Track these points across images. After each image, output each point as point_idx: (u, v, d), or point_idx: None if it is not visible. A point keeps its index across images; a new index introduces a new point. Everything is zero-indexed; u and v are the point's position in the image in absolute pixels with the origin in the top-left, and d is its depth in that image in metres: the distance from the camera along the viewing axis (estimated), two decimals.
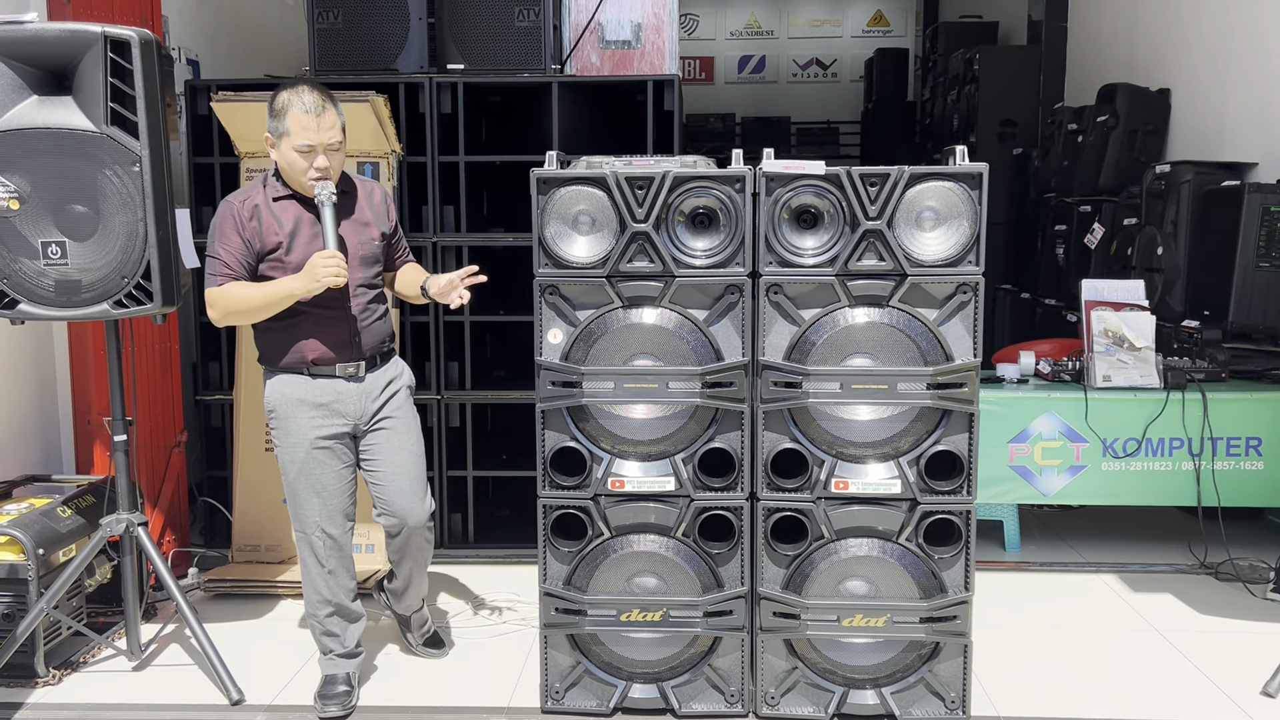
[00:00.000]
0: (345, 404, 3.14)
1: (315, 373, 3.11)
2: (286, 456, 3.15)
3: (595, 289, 2.95)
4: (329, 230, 2.98)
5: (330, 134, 3.00)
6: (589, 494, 3.02)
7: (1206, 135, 5.60)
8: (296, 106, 2.97)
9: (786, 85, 13.17)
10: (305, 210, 3.07)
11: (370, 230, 3.19)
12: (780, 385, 2.94)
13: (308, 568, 3.19)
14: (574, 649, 3.10)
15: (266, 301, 2.99)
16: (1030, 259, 7.17)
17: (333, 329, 3.10)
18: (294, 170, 3.01)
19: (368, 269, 3.18)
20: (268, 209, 3.05)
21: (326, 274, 2.92)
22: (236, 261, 3.00)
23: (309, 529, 3.15)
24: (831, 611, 3.00)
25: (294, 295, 2.98)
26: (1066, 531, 4.80)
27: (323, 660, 3.25)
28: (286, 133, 2.98)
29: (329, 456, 3.14)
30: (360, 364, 3.15)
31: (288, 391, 3.12)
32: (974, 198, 2.87)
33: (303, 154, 2.98)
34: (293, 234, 3.05)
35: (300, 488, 3.13)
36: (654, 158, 3.03)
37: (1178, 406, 4.24)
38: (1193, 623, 3.81)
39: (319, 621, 3.21)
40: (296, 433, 3.12)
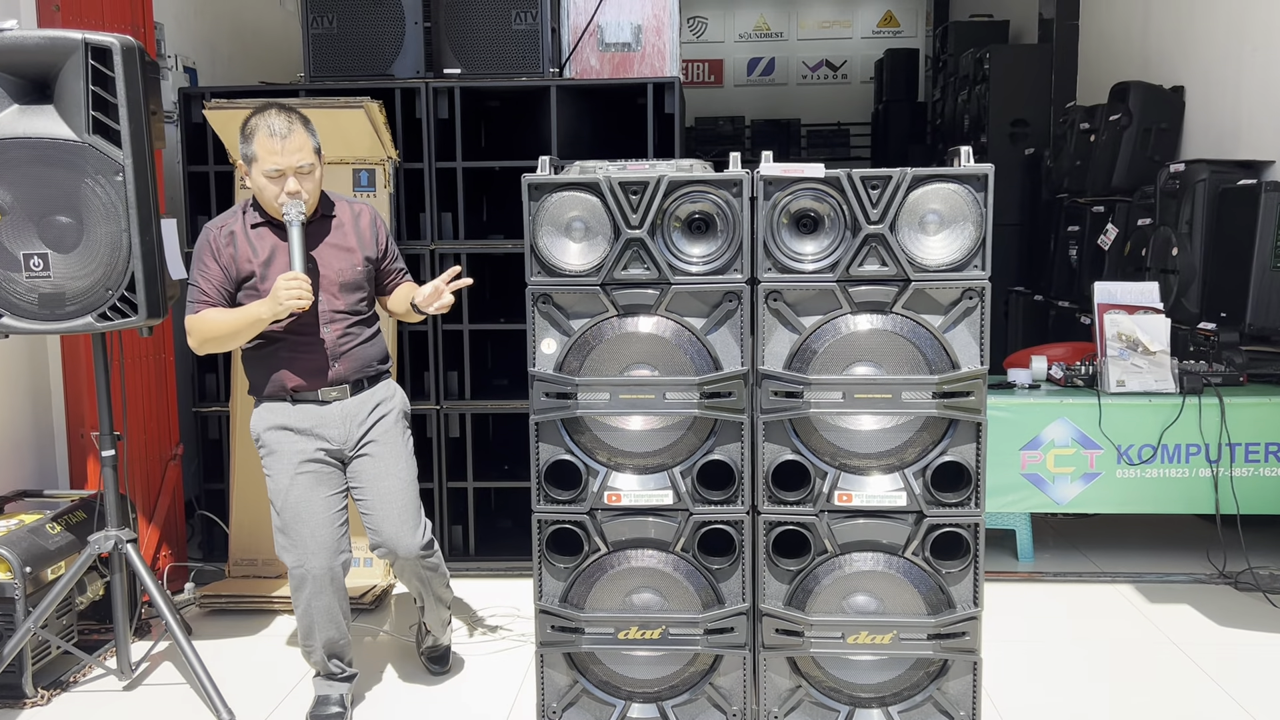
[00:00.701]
0: (328, 428, 3.07)
1: (297, 399, 3.05)
2: (273, 485, 3.07)
3: (589, 297, 2.87)
4: (296, 252, 2.89)
5: (298, 156, 2.91)
6: (585, 508, 2.93)
7: (1222, 133, 5.48)
8: (262, 130, 2.90)
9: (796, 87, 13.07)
10: (281, 238, 3.00)
11: (353, 256, 3.10)
12: (781, 395, 2.85)
13: (295, 597, 3.07)
14: (571, 667, 3.01)
15: (236, 327, 2.93)
16: (1043, 261, 7.06)
17: (308, 357, 3.03)
18: (265, 195, 2.95)
19: (349, 295, 3.09)
20: (244, 235, 3.00)
21: (288, 296, 2.84)
22: (214, 289, 2.96)
23: (299, 559, 3.04)
24: (836, 628, 2.90)
25: (261, 319, 2.90)
26: (1081, 540, 4.68)
27: (315, 680, 3.18)
28: (255, 158, 2.92)
29: (315, 482, 3.05)
30: (344, 387, 3.08)
31: (270, 419, 3.06)
32: (979, 200, 2.77)
33: (272, 179, 2.91)
34: (267, 261, 2.99)
35: (288, 516, 3.04)
36: (649, 162, 2.94)
37: (1194, 412, 4.13)
38: (1212, 635, 3.70)
39: (309, 649, 3.13)
40: (281, 458, 3.05)
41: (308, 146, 2.95)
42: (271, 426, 3.05)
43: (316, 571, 3.02)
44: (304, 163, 2.92)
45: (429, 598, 3.30)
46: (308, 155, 2.94)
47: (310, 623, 3.07)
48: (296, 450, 3.04)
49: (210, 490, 4.52)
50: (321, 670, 3.16)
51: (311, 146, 2.96)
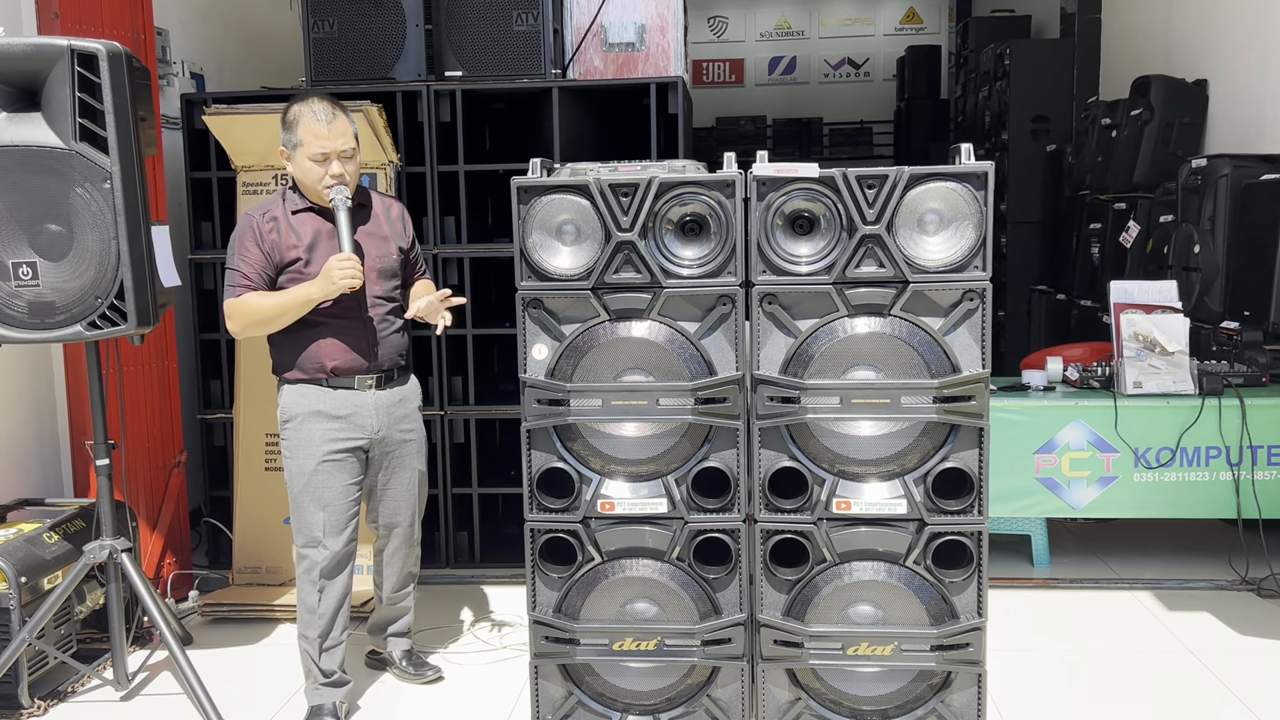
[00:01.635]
0: (363, 417, 3.12)
1: (334, 384, 3.09)
2: (295, 467, 3.10)
3: (580, 302, 2.81)
4: (344, 234, 2.98)
5: (343, 140, 3.04)
6: (578, 517, 2.87)
7: (1246, 127, 5.34)
8: (308, 116, 3.02)
9: (818, 86, 12.94)
10: (324, 222, 3.08)
11: (388, 244, 3.20)
12: (777, 400, 2.78)
13: (301, 583, 3.12)
14: (566, 679, 2.96)
15: (285, 308, 3.00)
16: (1065, 259, 6.93)
17: (351, 339, 3.09)
18: (309, 179, 3.04)
19: (386, 282, 3.18)
20: (286, 222, 3.07)
21: (342, 276, 2.93)
22: (255, 273, 3.02)
23: (310, 543, 3.09)
24: (836, 639, 2.82)
25: (311, 300, 2.98)
26: (1100, 546, 4.57)
27: (309, 689, 3.15)
28: (300, 143, 3.03)
29: (338, 470, 3.09)
30: (380, 376, 3.15)
31: (304, 402, 3.09)
32: (979, 198, 2.68)
33: (317, 162, 3.02)
34: (311, 246, 3.06)
35: (306, 500, 3.08)
36: (640, 163, 2.89)
37: (1214, 413, 4.01)
38: (1232, 644, 3.59)
39: (308, 642, 3.13)
40: (309, 444, 3.08)
41: (349, 132, 3.07)
42: (307, 411, 3.08)
43: (331, 553, 3.08)
44: (347, 146, 3.05)
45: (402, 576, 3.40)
46: (350, 140, 3.06)
47: (312, 607, 3.09)
48: (327, 437, 3.08)
49: (216, 497, 4.50)
50: (310, 670, 3.14)
51: (353, 132, 3.09)
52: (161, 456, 4.17)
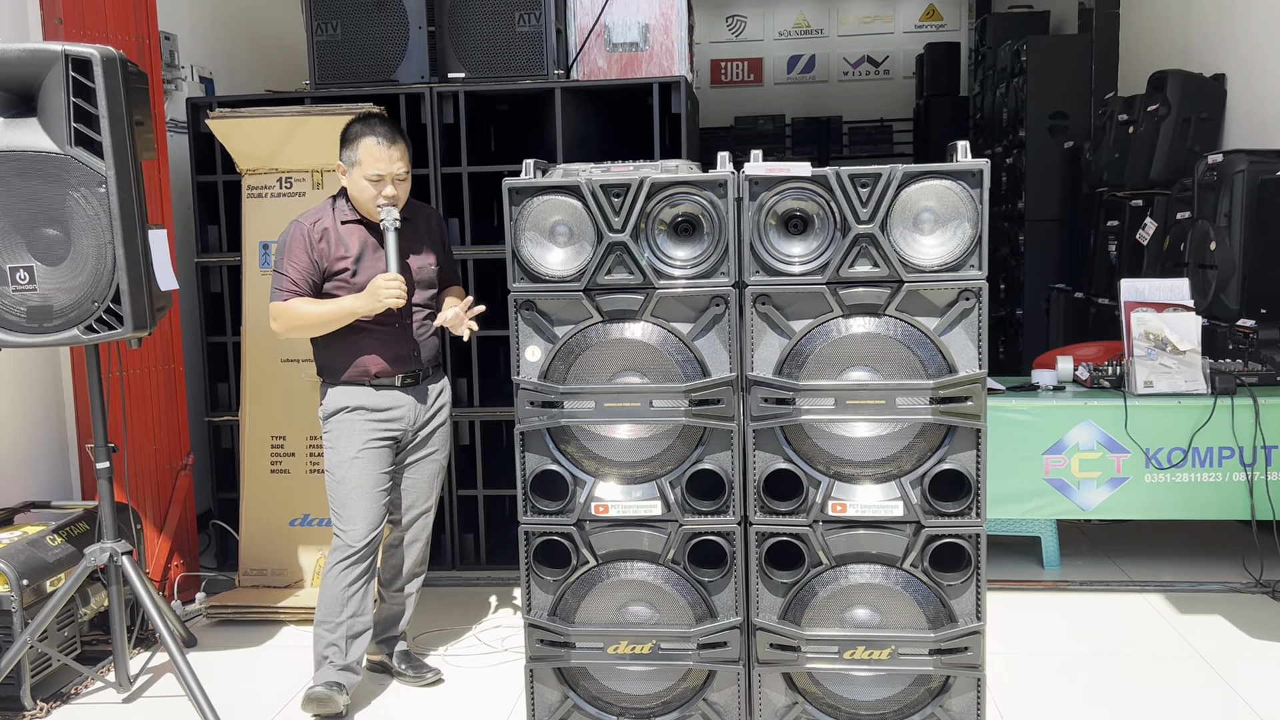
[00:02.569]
0: (403, 411, 3.28)
1: (377, 384, 3.24)
2: (336, 458, 3.24)
3: (573, 303, 2.80)
4: (391, 255, 3.13)
5: (399, 165, 3.21)
6: (572, 519, 2.86)
7: (1265, 122, 5.25)
8: (369, 137, 3.17)
9: (837, 84, 12.86)
10: (370, 235, 3.24)
11: (428, 256, 3.36)
12: (771, 402, 2.75)
13: (333, 569, 3.21)
14: (562, 682, 2.94)
15: (330, 318, 3.16)
16: (1083, 257, 6.84)
17: (393, 345, 3.25)
18: (363, 197, 3.19)
19: (424, 291, 3.35)
20: (335, 232, 3.21)
21: (388, 295, 3.09)
22: (303, 279, 3.16)
23: (349, 528, 3.21)
24: (832, 643, 2.79)
25: (355, 313, 3.15)
26: (1113, 548, 4.51)
27: (323, 672, 3.21)
28: (359, 162, 3.17)
29: (377, 458, 3.24)
30: (418, 373, 3.32)
31: (349, 399, 3.24)
32: (975, 197, 2.64)
33: (373, 183, 3.17)
34: (359, 257, 3.21)
35: (348, 487, 3.22)
36: (633, 164, 2.87)
37: (1226, 413, 3.94)
38: (1243, 648, 3.52)
39: (329, 628, 3.20)
40: (352, 435, 3.22)
41: (405, 157, 3.25)
42: (349, 406, 3.23)
43: (363, 538, 3.21)
44: (402, 171, 3.22)
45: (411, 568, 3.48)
46: (405, 165, 3.24)
47: (341, 591, 3.19)
48: (368, 429, 3.23)
49: (223, 500, 4.52)
50: (330, 656, 3.18)
51: (408, 158, 3.27)
52: (168, 459, 4.19)
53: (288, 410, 4.08)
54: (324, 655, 3.21)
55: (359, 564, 3.22)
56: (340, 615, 3.20)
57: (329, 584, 3.22)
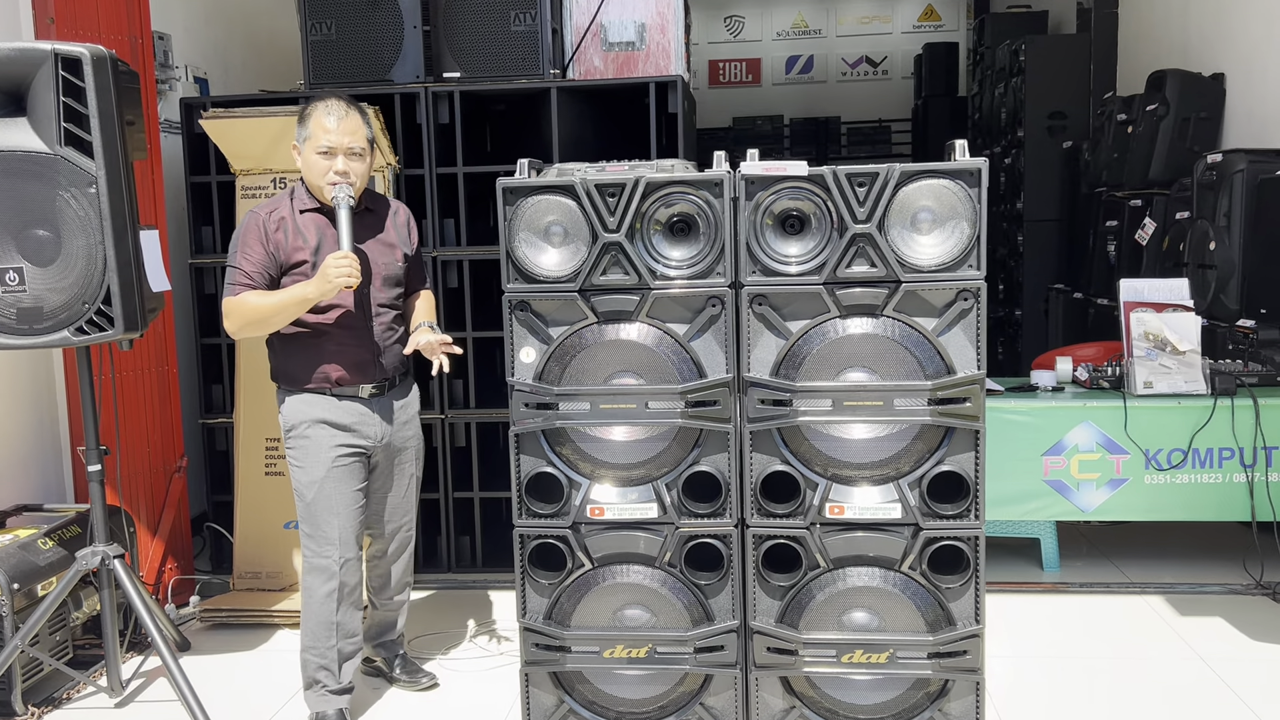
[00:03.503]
0: (368, 426, 3.10)
1: (339, 393, 3.06)
2: (305, 477, 3.06)
3: (568, 304, 2.77)
4: (344, 232, 2.93)
5: (350, 138, 2.99)
6: (567, 522, 2.83)
7: (1265, 121, 5.23)
8: (320, 111, 3.00)
9: (836, 84, 12.84)
10: (330, 223, 3.04)
11: (395, 251, 3.16)
12: (768, 403, 2.72)
13: (314, 594, 3.07)
14: (557, 687, 2.92)
15: (281, 307, 2.95)
16: (1082, 257, 6.82)
17: (355, 349, 3.07)
18: (313, 174, 3.00)
19: (390, 289, 3.15)
20: (293, 221, 3.03)
21: (338, 274, 2.87)
22: (257, 272, 2.97)
23: (327, 552, 3.05)
24: (830, 647, 2.77)
25: (308, 299, 2.94)
26: (1112, 549, 4.48)
27: (311, 696, 3.12)
28: (309, 136, 3.00)
29: (347, 476, 3.07)
30: (383, 384, 3.13)
31: (309, 411, 3.05)
32: (973, 196, 2.62)
33: (322, 155, 2.98)
34: (317, 248, 3.02)
35: (319, 509, 3.05)
36: (628, 163, 2.84)
37: (1227, 414, 3.92)
38: (1244, 651, 3.50)
39: (318, 654, 3.08)
40: (317, 452, 3.04)
41: (361, 132, 3.03)
42: (311, 419, 3.04)
43: (344, 562, 3.06)
44: (356, 145, 3.00)
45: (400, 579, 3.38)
46: (360, 140, 3.02)
47: (328, 617, 3.06)
48: (334, 444, 3.04)
49: (218, 502, 4.49)
50: (322, 680, 3.09)
51: (365, 134, 3.04)
52: (162, 461, 4.16)
53: None
54: (315, 679, 3.09)
55: (342, 588, 3.06)
56: (329, 641, 3.06)
57: (313, 610, 3.07)
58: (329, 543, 3.05)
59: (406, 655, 3.49)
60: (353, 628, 3.13)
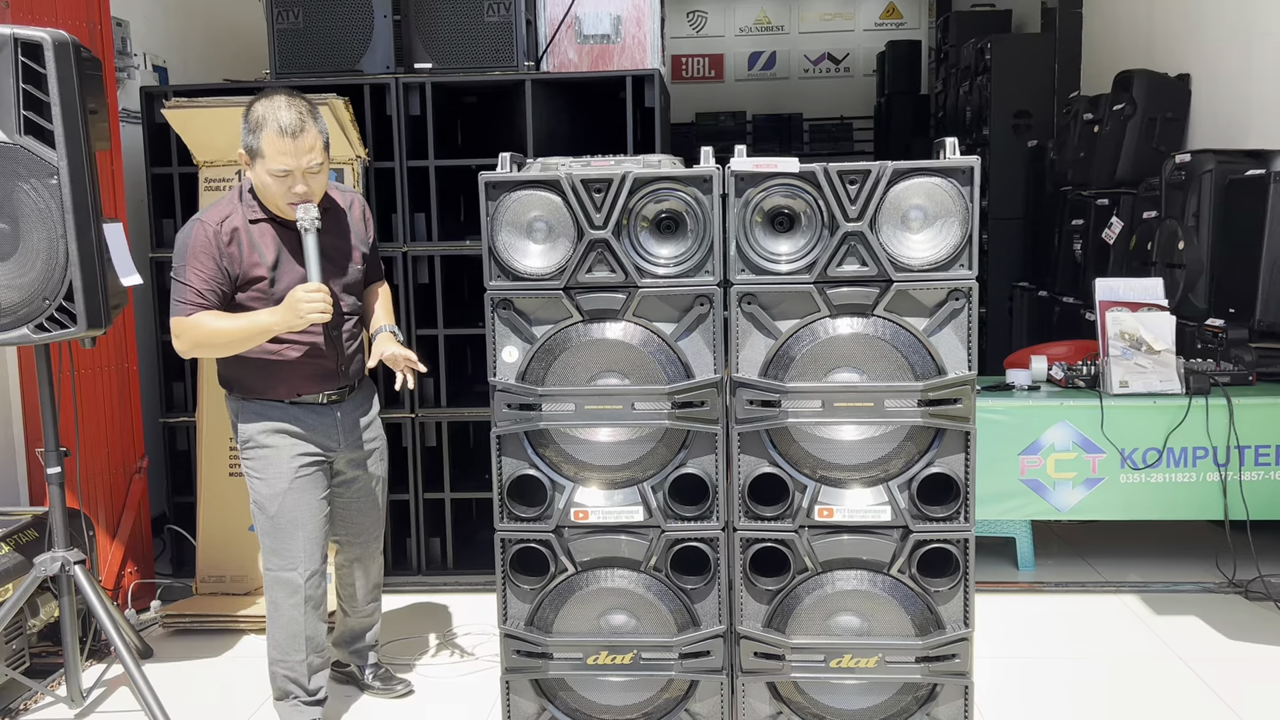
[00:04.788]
0: (328, 433, 2.99)
1: (298, 402, 2.94)
2: (266, 490, 2.92)
3: (552, 302, 2.70)
4: (313, 263, 2.76)
5: (310, 157, 2.76)
6: (550, 526, 2.76)
7: (1230, 122, 5.28)
8: (272, 126, 2.73)
9: (798, 81, 12.87)
10: (284, 236, 2.86)
11: (353, 254, 3.02)
12: (756, 404, 2.68)
13: (280, 608, 2.96)
14: (539, 694, 2.85)
15: (243, 336, 2.78)
16: (1047, 256, 6.87)
17: (317, 361, 2.93)
18: (269, 195, 2.80)
19: (350, 295, 3.02)
20: (246, 234, 2.83)
21: (310, 309, 2.72)
22: (209, 290, 2.77)
23: (290, 565, 2.93)
24: (818, 652, 2.73)
25: (272, 330, 2.78)
26: (1086, 548, 4.50)
27: (283, 708, 3.02)
28: (261, 154, 2.76)
29: (310, 486, 2.95)
30: (344, 390, 3.01)
31: (267, 422, 2.92)
32: (965, 195, 2.59)
33: (278, 178, 2.76)
34: (275, 264, 2.84)
35: (283, 521, 2.92)
36: (614, 158, 2.78)
37: (1201, 413, 3.94)
38: (1219, 649, 3.52)
39: (287, 667, 2.98)
40: (277, 463, 2.91)
41: (319, 145, 2.80)
42: (269, 430, 2.90)
43: (310, 575, 2.95)
44: (314, 162, 2.78)
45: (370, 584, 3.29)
46: (318, 154, 2.79)
47: (296, 631, 2.95)
48: (294, 454, 2.92)
49: (179, 504, 4.36)
50: (294, 692, 3.00)
51: (321, 144, 2.81)
52: (121, 462, 4.03)
53: None
54: (286, 690, 2.99)
55: (308, 601, 2.94)
56: (298, 655, 2.96)
57: (280, 625, 2.95)
58: (291, 557, 2.92)
59: (380, 663, 3.40)
60: (320, 640, 3.03)
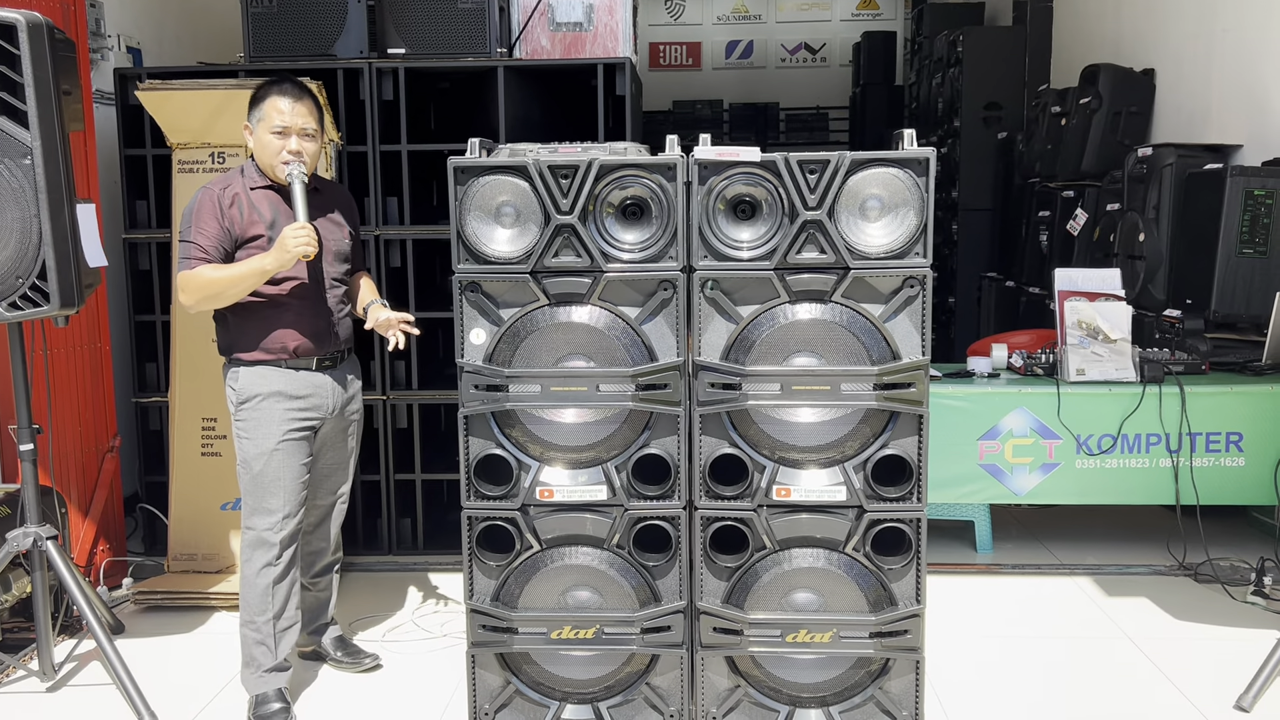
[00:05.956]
0: (323, 397, 3.15)
1: (295, 365, 3.10)
2: (253, 449, 3.07)
3: (519, 286, 2.76)
4: (299, 205, 2.99)
5: (304, 120, 3.08)
6: (516, 504, 2.83)
7: (1192, 117, 5.39)
8: (274, 92, 3.07)
9: (775, 70, 12.92)
10: (282, 200, 3.10)
11: (343, 229, 3.24)
12: (718, 387, 2.75)
13: (252, 564, 3.07)
14: (504, 668, 2.92)
15: (240, 279, 2.99)
16: (1015, 246, 6.97)
17: (312, 319, 3.12)
18: (267, 153, 3.05)
19: (339, 265, 3.21)
20: (246, 198, 3.06)
21: (297, 244, 2.92)
22: (213, 247, 3.00)
23: (269, 523, 3.06)
24: (775, 627, 2.81)
25: (266, 271, 2.98)
26: (1043, 532, 4.61)
27: (249, 677, 3.08)
28: (263, 117, 3.05)
29: (296, 449, 3.10)
30: (335, 356, 3.19)
31: (264, 383, 3.07)
32: (921, 185, 2.66)
33: (277, 135, 3.04)
34: (272, 223, 3.07)
35: (267, 480, 3.07)
36: (581, 145, 2.84)
37: (1154, 401, 4.05)
38: (1167, 629, 3.63)
39: (255, 629, 3.06)
40: (269, 424, 3.06)
41: (313, 115, 3.11)
42: (266, 392, 3.07)
43: (290, 531, 3.09)
44: (309, 127, 3.08)
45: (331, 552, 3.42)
46: (313, 123, 3.10)
47: (266, 587, 3.06)
48: (287, 417, 3.08)
49: (151, 483, 4.40)
50: (260, 659, 3.06)
51: (316, 117, 3.13)
52: (94, 441, 4.07)
53: (220, 392, 3.92)
54: (252, 655, 3.07)
55: (281, 560, 3.07)
56: (266, 614, 3.05)
57: (251, 583, 3.06)
58: (271, 514, 3.07)
59: (344, 637, 3.46)
60: (290, 603, 3.12)
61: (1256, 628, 3.57)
